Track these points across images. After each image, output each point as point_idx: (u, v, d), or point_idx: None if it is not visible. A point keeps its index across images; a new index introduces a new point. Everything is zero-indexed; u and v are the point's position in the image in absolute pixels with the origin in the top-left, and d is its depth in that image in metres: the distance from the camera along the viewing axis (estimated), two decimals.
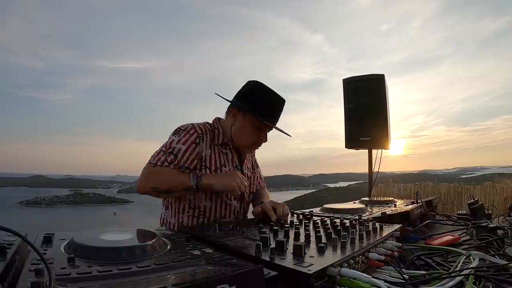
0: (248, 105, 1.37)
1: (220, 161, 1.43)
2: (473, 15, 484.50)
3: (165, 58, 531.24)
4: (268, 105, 1.39)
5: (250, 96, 1.39)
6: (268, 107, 1.38)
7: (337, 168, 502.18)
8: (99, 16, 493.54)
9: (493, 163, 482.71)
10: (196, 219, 1.40)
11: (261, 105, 1.37)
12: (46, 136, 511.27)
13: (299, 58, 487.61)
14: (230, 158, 1.46)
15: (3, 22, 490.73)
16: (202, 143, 1.38)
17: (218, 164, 1.41)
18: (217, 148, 1.44)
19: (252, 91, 1.40)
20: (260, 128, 1.41)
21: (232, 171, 1.39)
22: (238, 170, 1.47)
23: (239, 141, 1.44)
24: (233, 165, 1.47)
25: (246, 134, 1.42)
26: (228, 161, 1.45)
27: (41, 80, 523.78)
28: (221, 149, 1.45)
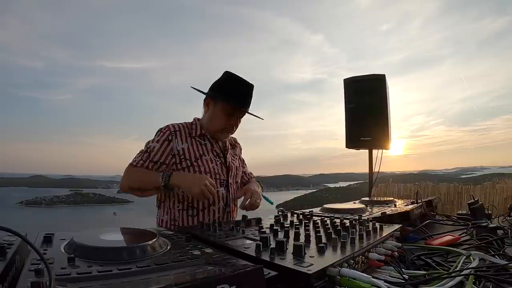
0: (217, 92, 1.48)
1: (199, 151, 1.49)
2: (473, 15, 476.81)
3: (165, 58, 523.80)
4: (234, 90, 1.46)
5: (219, 85, 1.49)
6: (235, 92, 1.46)
7: (337, 168, 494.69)
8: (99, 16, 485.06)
9: (493, 163, 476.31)
10: (186, 212, 1.46)
11: (228, 91, 1.46)
12: (46, 136, 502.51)
13: (299, 58, 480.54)
14: (209, 147, 1.53)
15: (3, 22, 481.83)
16: (175, 139, 1.46)
17: (197, 154, 1.48)
18: (194, 140, 1.51)
19: (221, 80, 1.50)
20: (229, 113, 1.48)
21: (202, 176, 1.38)
22: (220, 157, 1.55)
23: (212, 127, 1.52)
24: (213, 154, 1.53)
25: (216, 119, 1.50)
26: (207, 150, 1.52)
27: (41, 80, 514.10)
28: (200, 141, 1.52)
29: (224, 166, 1.54)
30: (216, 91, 1.49)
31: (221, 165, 1.53)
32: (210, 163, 1.49)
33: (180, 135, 1.48)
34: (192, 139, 1.50)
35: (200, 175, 1.40)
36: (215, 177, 1.48)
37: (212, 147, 1.54)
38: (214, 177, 1.48)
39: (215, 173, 1.49)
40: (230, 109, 1.47)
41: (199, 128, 1.53)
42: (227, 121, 1.49)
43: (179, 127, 1.50)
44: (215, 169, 1.50)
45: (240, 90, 1.47)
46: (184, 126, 1.52)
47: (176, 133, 1.47)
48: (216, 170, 1.50)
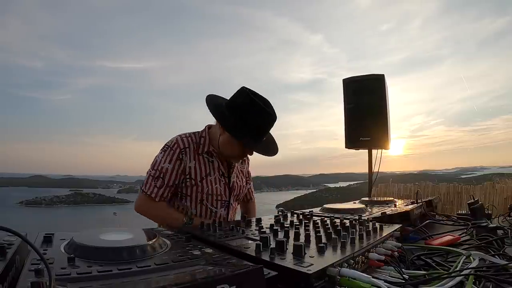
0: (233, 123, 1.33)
1: (206, 170, 1.47)
2: (473, 15, 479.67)
3: (166, 58, 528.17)
4: (254, 127, 1.32)
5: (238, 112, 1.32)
6: (253, 130, 1.33)
7: (337, 168, 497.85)
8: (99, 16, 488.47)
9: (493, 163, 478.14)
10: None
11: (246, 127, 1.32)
12: (46, 136, 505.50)
13: (299, 58, 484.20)
14: (216, 166, 1.50)
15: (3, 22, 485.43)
16: (185, 157, 1.43)
17: (203, 174, 1.45)
18: (202, 157, 1.47)
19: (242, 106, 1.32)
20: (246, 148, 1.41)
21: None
22: (224, 177, 1.52)
23: (225, 152, 1.45)
24: (219, 173, 1.50)
25: (231, 148, 1.41)
26: (214, 169, 1.49)
27: (41, 80, 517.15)
28: (207, 158, 1.48)
29: (227, 187, 1.53)
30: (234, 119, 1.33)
31: (225, 186, 1.52)
32: (214, 184, 1.47)
33: (189, 152, 1.44)
34: (200, 157, 1.46)
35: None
36: (217, 198, 1.48)
37: (218, 165, 1.50)
38: (216, 198, 1.48)
39: (217, 194, 1.48)
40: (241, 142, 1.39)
41: (207, 143, 1.47)
42: (243, 153, 1.45)
43: (188, 142, 1.45)
44: (218, 190, 1.48)
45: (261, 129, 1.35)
46: (193, 141, 1.46)
47: (186, 150, 1.43)
48: (219, 191, 1.48)
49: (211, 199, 1.47)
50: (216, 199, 1.48)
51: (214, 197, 1.47)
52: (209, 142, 1.48)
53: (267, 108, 1.32)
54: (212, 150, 1.48)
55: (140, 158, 31.53)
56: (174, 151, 1.42)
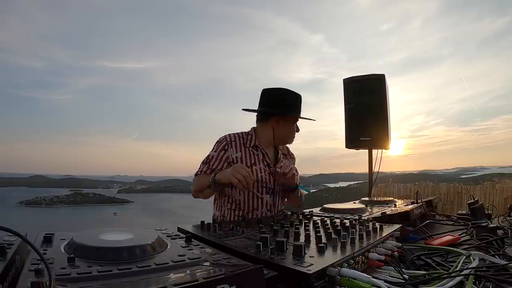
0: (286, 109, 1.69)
1: (251, 160, 1.69)
2: (473, 15, 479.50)
3: (166, 58, 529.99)
4: (296, 103, 1.73)
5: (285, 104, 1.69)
6: (297, 105, 1.73)
7: (337, 168, 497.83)
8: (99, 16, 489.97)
9: (493, 163, 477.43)
10: (233, 212, 1.68)
11: (292, 105, 1.70)
12: (46, 136, 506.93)
13: (299, 58, 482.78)
14: (261, 158, 1.71)
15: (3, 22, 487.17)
16: (230, 149, 1.67)
17: (249, 163, 1.67)
18: (248, 150, 1.71)
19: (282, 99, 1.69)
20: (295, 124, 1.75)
21: (238, 164, 1.54)
22: (269, 167, 1.72)
23: (284, 138, 1.76)
24: (263, 163, 1.71)
25: (289, 132, 1.75)
26: (259, 160, 1.70)
27: (41, 80, 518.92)
28: (253, 151, 1.72)
29: (272, 176, 1.70)
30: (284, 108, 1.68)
31: (269, 175, 1.70)
32: (259, 173, 1.67)
33: (235, 145, 1.69)
34: (246, 149, 1.70)
35: (236, 165, 1.53)
36: (262, 185, 1.67)
37: (263, 157, 1.72)
38: (261, 185, 1.67)
39: (263, 181, 1.67)
40: (294, 121, 1.73)
41: (254, 139, 1.72)
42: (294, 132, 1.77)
43: (234, 137, 1.71)
44: (263, 178, 1.67)
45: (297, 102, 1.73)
46: (240, 136, 1.72)
47: (231, 143, 1.68)
48: (264, 178, 1.67)
49: (257, 185, 1.66)
50: (261, 186, 1.67)
51: (259, 183, 1.66)
52: (255, 138, 1.73)
53: (289, 89, 1.72)
54: (258, 143, 1.72)
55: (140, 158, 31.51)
56: (221, 143, 1.69)
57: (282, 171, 1.58)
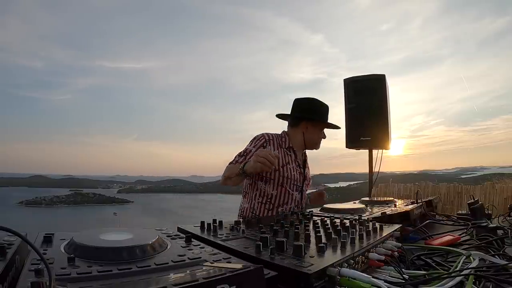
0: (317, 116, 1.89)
1: (285, 159, 1.85)
2: (473, 15, 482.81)
3: (165, 58, 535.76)
4: (324, 111, 1.92)
5: (313, 110, 1.89)
6: (325, 113, 1.92)
7: (337, 168, 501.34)
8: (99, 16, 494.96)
9: (493, 163, 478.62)
10: (264, 205, 1.82)
11: (321, 113, 1.91)
12: (46, 136, 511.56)
13: (299, 58, 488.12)
14: (293, 158, 1.90)
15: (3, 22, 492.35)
16: (268, 146, 1.82)
17: (284, 162, 1.83)
18: (283, 150, 1.87)
19: (311, 106, 1.90)
20: (322, 130, 1.95)
21: (260, 149, 1.73)
22: (300, 168, 1.92)
23: (313, 142, 1.93)
24: (295, 164, 1.89)
25: (317, 136, 1.94)
26: (292, 160, 1.88)
27: (41, 80, 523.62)
28: (287, 152, 1.89)
29: (302, 176, 1.91)
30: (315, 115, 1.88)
31: (300, 174, 1.89)
32: (292, 171, 1.84)
33: (273, 143, 1.84)
34: (282, 149, 1.87)
35: (256, 151, 1.66)
36: (294, 183, 1.84)
37: (295, 158, 1.91)
38: (293, 183, 1.84)
39: (295, 179, 1.84)
40: (321, 127, 1.93)
41: (288, 141, 1.91)
42: (321, 137, 1.96)
43: (272, 136, 1.88)
44: (295, 177, 1.85)
45: (324, 110, 1.92)
46: (276, 137, 1.89)
47: (270, 141, 1.84)
48: (295, 177, 1.85)
49: (289, 183, 1.82)
50: (293, 183, 1.84)
51: (291, 181, 1.83)
52: (289, 140, 1.91)
53: (318, 99, 1.91)
54: (292, 146, 1.90)
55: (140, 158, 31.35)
56: (259, 140, 1.83)
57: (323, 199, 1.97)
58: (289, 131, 1.97)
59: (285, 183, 1.82)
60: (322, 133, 1.94)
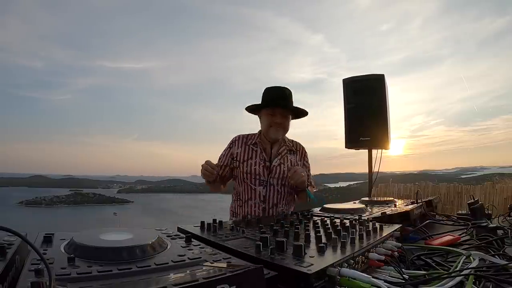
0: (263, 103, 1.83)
1: (248, 155, 1.88)
2: (473, 15, 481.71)
3: (166, 58, 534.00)
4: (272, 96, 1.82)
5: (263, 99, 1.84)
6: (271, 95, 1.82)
7: (337, 168, 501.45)
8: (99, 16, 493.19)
9: (493, 163, 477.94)
10: (236, 202, 1.91)
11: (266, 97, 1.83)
12: (46, 136, 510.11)
13: (299, 58, 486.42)
14: (258, 153, 1.88)
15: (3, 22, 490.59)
16: (234, 146, 1.91)
17: (245, 158, 1.87)
18: (248, 147, 1.90)
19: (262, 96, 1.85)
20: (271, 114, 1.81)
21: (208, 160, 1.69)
22: (265, 161, 1.86)
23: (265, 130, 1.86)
24: (260, 158, 1.87)
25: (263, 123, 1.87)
26: (256, 155, 1.88)
27: (41, 80, 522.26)
28: (252, 147, 1.90)
29: (266, 169, 1.85)
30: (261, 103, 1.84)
31: (263, 168, 1.85)
32: (253, 166, 1.84)
33: (239, 143, 1.91)
34: (246, 146, 1.90)
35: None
36: (255, 177, 1.84)
37: (260, 152, 1.88)
38: (255, 177, 1.83)
39: (256, 173, 1.83)
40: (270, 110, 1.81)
41: (256, 137, 1.91)
42: (270, 120, 1.81)
43: (240, 137, 1.93)
44: (256, 171, 1.84)
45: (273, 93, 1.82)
46: (245, 136, 1.93)
47: (235, 142, 1.92)
48: (257, 171, 1.84)
49: (250, 177, 1.84)
50: (255, 178, 1.83)
51: (252, 175, 1.83)
52: (257, 136, 1.91)
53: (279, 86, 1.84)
54: (258, 141, 1.89)
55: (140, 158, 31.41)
56: (230, 142, 1.94)
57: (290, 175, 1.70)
58: None
59: (246, 178, 1.85)
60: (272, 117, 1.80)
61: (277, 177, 1.86)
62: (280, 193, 1.87)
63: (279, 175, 1.87)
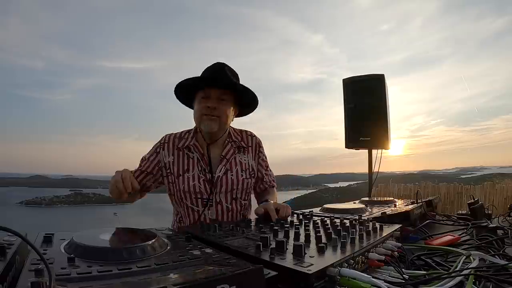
0: (188, 84, 1.35)
1: (183, 166, 1.40)
2: (473, 15, 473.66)
3: (166, 58, 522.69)
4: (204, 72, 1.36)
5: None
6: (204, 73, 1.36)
7: (337, 168, 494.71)
8: (99, 16, 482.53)
9: (493, 163, 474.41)
10: (178, 224, 1.46)
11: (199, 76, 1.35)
12: (46, 136, 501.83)
13: (299, 58, 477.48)
14: (195, 161, 1.41)
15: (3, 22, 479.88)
16: (163, 151, 1.42)
17: (180, 170, 1.40)
18: (182, 153, 1.42)
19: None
20: (204, 97, 1.35)
21: (124, 169, 1.17)
22: (206, 173, 1.39)
23: (196, 121, 1.39)
24: (198, 168, 1.40)
25: (196, 109, 1.37)
26: (193, 165, 1.40)
27: (41, 80, 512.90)
28: (187, 153, 1.42)
29: (209, 183, 1.38)
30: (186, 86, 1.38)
31: (204, 182, 1.38)
32: (191, 181, 1.37)
33: (168, 147, 1.43)
34: (180, 152, 1.42)
35: (122, 170, 1.16)
36: (197, 197, 1.38)
37: (198, 160, 1.40)
38: (195, 196, 1.38)
39: (196, 192, 1.37)
40: (201, 93, 1.35)
41: (190, 137, 1.43)
42: (203, 104, 1.33)
43: (169, 138, 1.45)
44: (196, 187, 1.37)
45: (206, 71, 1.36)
46: (176, 136, 1.46)
47: (164, 145, 1.43)
48: (197, 188, 1.37)
49: (190, 197, 1.38)
50: (195, 198, 1.38)
51: (192, 194, 1.37)
52: (193, 135, 1.44)
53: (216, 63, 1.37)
54: (193, 144, 1.41)
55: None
56: (156, 145, 1.46)
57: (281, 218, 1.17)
58: None
59: (185, 198, 1.39)
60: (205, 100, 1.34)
61: (224, 191, 1.40)
62: (231, 210, 1.42)
63: (226, 189, 1.40)
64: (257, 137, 1.57)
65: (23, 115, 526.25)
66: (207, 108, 1.32)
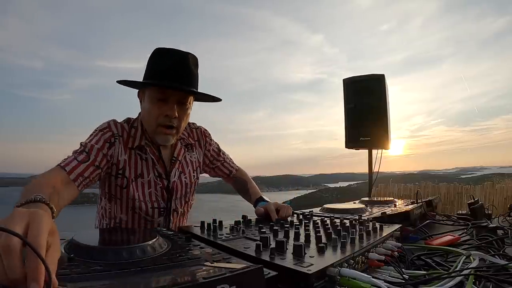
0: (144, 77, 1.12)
1: (137, 170, 1.18)
2: (474, 15, 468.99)
3: None
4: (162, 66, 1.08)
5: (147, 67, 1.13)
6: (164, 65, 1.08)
7: (337, 168, 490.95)
8: (98, 16, 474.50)
9: (493, 163, 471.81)
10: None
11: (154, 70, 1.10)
12: (46, 136, 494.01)
13: (299, 58, 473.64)
14: (150, 165, 1.20)
15: (3, 22, 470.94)
16: (114, 148, 1.14)
17: (133, 175, 1.18)
18: (134, 152, 1.18)
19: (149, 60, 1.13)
20: (159, 99, 1.11)
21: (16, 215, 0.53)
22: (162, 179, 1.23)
23: (147, 126, 1.17)
24: (154, 173, 1.21)
25: (147, 113, 1.14)
26: (147, 168, 1.20)
27: (40, 80, 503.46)
28: (140, 154, 1.19)
29: (166, 191, 1.23)
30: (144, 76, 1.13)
31: (161, 190, 1.22)
32: (147, 188, 1.19)
33: (122, 141, 1.17)
34: (132, 151, 1.18)
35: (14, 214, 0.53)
36: (153, 206, 1.21)
37: (153, 164, 1.21)
38: (152, 206, 1.21)
39: (152, 200, 1.21)
40: (158, 93, 1.10)
41: (139, 135, 1.19)
42: (159, 111, 1.11)
43: (122, 130, 1.18)
44: (152, 196, 1.20)
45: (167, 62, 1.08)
46: (125, 130, 1.19)
47: (119, 138, 1.16)
48: (153, 196, 1.21)
49: (145, 207, 1.19)
50: (152, 207, 1.20)
51: (148, 204, 1.20)
52: (141, 133, 1.20)
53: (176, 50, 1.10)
54: (145, 142, 1.19)
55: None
56: (105, 133, 1.14)
57: (281, 218, 1.13)
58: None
59: (136, 207, 1.18)
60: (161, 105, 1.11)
61: (179, 197, 1.28)
62: (183, 214, 1.32)
63: (181, 194, 1.28)
64: (201, 127, 1.41)
65: (21, 115, 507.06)
66: (164, 117, 1.12)
